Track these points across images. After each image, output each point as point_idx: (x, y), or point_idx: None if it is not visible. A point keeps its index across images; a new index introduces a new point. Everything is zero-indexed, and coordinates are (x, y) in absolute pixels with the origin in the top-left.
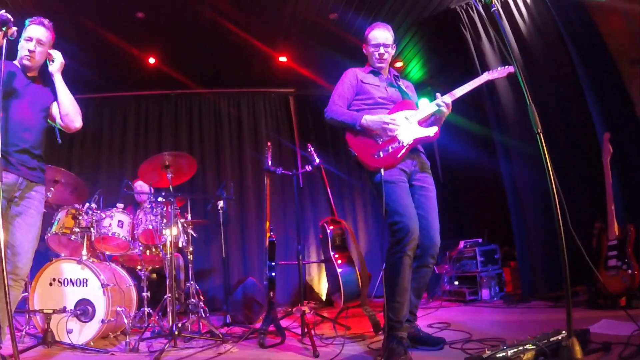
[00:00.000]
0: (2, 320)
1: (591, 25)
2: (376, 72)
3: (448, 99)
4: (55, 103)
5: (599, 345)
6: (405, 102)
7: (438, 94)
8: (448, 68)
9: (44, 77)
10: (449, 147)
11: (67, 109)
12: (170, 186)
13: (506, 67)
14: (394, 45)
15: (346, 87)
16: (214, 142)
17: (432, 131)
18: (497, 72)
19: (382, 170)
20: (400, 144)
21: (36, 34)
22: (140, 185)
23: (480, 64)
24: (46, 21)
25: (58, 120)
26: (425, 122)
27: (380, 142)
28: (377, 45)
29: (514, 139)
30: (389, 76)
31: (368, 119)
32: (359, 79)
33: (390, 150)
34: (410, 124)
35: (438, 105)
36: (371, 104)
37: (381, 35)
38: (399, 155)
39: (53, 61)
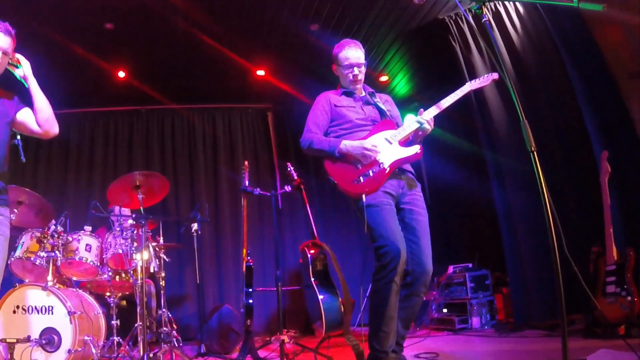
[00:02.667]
0: None
1: (588, 36)
2: (350, 93)
3: (434, 111)
4: (22, 112)
5: None
6: (384, 122)
7: (422, 110)
8: (436, 82)
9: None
10: (437, 167)
11: (47, 114)
12: (141, 208)
13: (490, 74)
14: (366, 62)
15: (319, 113)
16: (187, 160)
17: (414, 150)
18: (481, 80)
19: (364, 196)
20: (381, 167)
21: (1, 43)
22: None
23: (470, 77)
24: (10, 28)
25: (32, 127)
26: (407, 141)
27: (360, 167)
28: (351, 66)
29: (507, 158)
30: (364, 94)
31: (347, 144)
32: (332, 104)
33: (371, 174)
34: (391, 144)
35: (419, 122)
36: (349, 128)
37: (354, 54)
38: (380, 179)
39: (18, 67)
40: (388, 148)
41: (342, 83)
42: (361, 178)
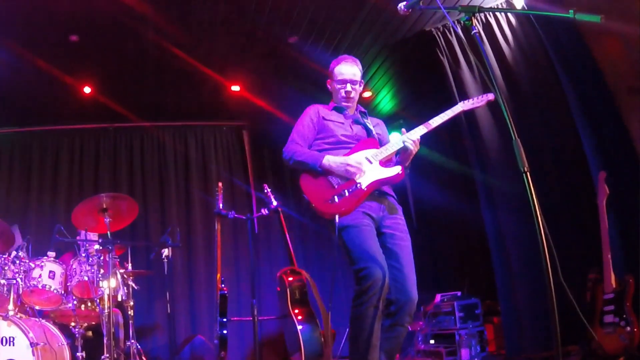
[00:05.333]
0: None
1: (585, 50)
2: (341, 109)
3: (421, 130)
4: None
5: None
6: (367, 141)
7: (404, 130)
8: (423, 98)
9: None
10: (424, 189)
11: None
12: (109, 232)
13: (485, 94)
14: (362, 81)
15: (306, 124)
16: (157, 182)
17: (394, 171)
18: (475, 101)
19: (337, 216)
20: (358, 187)
21: None
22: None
23: (459, 93)
24: None
25: None
26: (390, 161)
27: (336, 186)
28: (344, 82)
29: (498, 179)
30: (355, 113)
31: (330, 159)
32: (321, 116)
33: (347, 194)
34: (372, 164)
35: (404, 141)
36: (333, 143)
37: (348, 70)
38: (356, 199)
39: None
40: (367, 167)
41: (334, 99)
42: (336, 198)
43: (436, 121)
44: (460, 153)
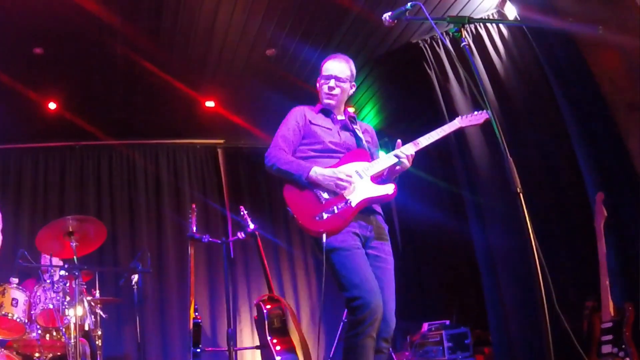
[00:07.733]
0: None
1: (581, 63)
2: (328, 112)
3: (411, 148)
4: None
5: None
6: (357, 152)
7: (399, 142)
8: (409, 114)
9: None
10: (410, 209)
11: None
12: (75, 257)
13: (482, 112)
14: (353, 83)
15: (291, 128)
16: (127, 204)
17: (386, 190)
18: (472, 118)
19: (325, 235)
20: (348, 204)
21: None
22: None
23: (447, 109)
24: None
25: None
26: (381, 177)
27: (324, 202)
28: (328, 77)
29: (489, 200)
30: (344, 118)
31: (318, 171)
32: (307, 119)
33: (336, 211)
34: (362, 179)
35: (397, 156)
36: (320, 150)
37: (335, 66)
38: (345, 218)
39: None
40: (358, 183)
41: (320, 99)
42: (324, 214)
43: (433, 137)
44: (449, 172)
